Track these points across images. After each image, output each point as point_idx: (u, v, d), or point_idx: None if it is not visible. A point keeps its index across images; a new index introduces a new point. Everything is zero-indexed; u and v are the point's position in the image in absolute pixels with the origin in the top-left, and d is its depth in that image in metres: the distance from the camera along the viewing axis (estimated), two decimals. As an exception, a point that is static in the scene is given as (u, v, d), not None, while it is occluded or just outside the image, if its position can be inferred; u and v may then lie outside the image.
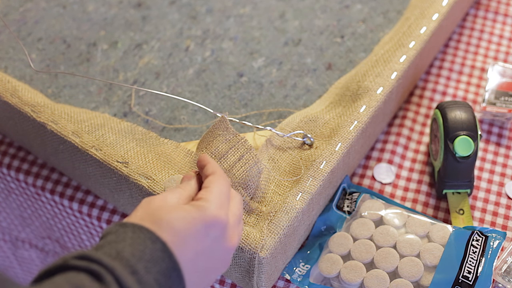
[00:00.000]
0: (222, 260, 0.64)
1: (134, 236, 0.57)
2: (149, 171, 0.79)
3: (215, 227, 0.61)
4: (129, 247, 0.56)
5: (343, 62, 0.95)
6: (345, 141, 0.82)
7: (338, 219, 0.86)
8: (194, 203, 0.62)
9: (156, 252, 0.57)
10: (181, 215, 0.60)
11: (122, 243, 0.56)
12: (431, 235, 0.83)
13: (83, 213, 0.92)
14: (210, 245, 0.61)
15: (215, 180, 0.65)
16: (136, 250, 0.56)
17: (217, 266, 0.63)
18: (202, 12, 1.01)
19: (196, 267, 0.60)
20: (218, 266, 0.64)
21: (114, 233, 0.58)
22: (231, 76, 0.94)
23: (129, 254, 0.56)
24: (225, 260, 0.64)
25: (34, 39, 0.98)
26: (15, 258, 1.18)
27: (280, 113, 0.90)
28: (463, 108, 0.88)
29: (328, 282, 0.82)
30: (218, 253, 0.62)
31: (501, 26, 1.10)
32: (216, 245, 0.62)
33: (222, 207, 0.62)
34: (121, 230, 0.58)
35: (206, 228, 0.60)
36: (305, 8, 1.01)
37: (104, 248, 0.56)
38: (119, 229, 0.58)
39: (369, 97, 0.86)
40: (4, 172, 0.96)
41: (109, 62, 0.95)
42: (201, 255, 0.60)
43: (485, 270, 0.79)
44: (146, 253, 0.56)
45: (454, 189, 0.88)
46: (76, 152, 0.84)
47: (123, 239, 0.57)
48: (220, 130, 0.79)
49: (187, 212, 0.60)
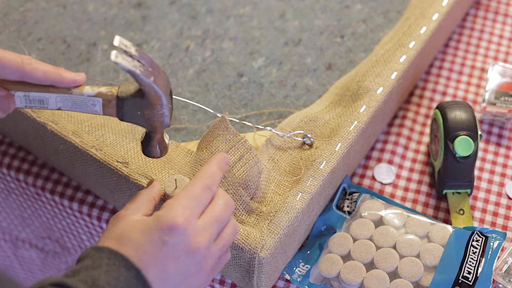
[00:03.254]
0: (192, 267, 0.64)
1: (110, 263, 0.60)
2: (149, 171, 0.79)
3: (172, 233, 0.62)
4: (104, 275, 0.59)
5: (343, 62, 0.95)
6: (345, 141, 0.82)
7: (338, 219, 0.86)
8: (154, 213, 0.64)
9: (131, 279, 0.59)
10: (140, 228, 0.63)
11: (98, 270, 0.59)
12: (430, 235, 0.83)
13: (83, 213, 0.92)
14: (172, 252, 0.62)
15: (188, 185, 0.66)
16: (111, 278, 0.58)
17: (189, 274, 0.64)
18: (202, 12, 1.01)
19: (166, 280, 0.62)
20: (191, 274, 0.64)
21: (91, 257, 0.60)
22: (231, 76, 0.94)
23: (105, 282, 0.58)
24: (196, 266, 0.64)
25: (34, 39, 0.98)
26: (15, 258, 1.18)
27: (280, 113, 0.90)
28: (463, 108, 0.88)
29: (328, 282, 0.82)
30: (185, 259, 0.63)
31: (501, 26, 1.10)
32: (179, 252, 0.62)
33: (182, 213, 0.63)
34: (97, 256, 0.60)
35: (162, 235, 0.62)
36: (305, 8, 1.01)
37: (80, 274, 0.59)
38: (95, 254, 0.61)
39: (369, 97, 0.86)
40: (4, 172, 0.97)
41: (109, 62, 0.95)
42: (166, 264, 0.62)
43: (485, 271, 0.79)
44: (120, 280, 0.59)
45: (454, 189, 0.88)
46: (76, 152, 0.84)
47: (99, 266, 0.59)
48: (220, 130, 0.79)
49: (145, 223, 0.63)
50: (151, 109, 0.67)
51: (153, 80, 0.65)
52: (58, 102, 0.68)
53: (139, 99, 0.67)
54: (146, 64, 0.66)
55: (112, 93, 0.67)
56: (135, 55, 0.65)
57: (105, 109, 0.68)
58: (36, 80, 0.66)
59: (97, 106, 0.68)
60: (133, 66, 0.64)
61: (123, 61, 0.63)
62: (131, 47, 0.65)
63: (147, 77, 0.65)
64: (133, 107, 0.67)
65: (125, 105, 0.67)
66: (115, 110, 0.68)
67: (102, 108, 0.68)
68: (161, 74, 0.67)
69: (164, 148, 0.72)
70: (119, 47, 0.64)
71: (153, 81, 0.65)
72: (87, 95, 0.68)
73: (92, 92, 0.68)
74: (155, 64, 0.67)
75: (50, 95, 0.68)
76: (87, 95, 0.68)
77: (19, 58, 0.65)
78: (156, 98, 0.66)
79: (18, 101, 0.68)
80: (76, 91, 0.68)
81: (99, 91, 0.68)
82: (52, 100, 0.68)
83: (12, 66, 0.65)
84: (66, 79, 0.67)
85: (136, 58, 0.65)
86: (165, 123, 0.68)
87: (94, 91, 0.68)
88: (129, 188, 0.81)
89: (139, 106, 0.67)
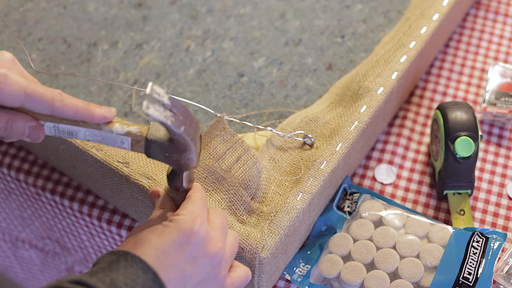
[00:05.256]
0: (210, 270, 0.65)
1: (127, 265, 0.60)
2: (150, 171, 0.79)
3: (192, 235, 0.63)
4: (122, 277, 0.59)
5: (343, 62, 0.95)
6: (346, 141, 0.82)
7: (338, 219, 0.86)
8: (172, 218, 0.65)
9: (148, 282, 0.59)
10: (159, 231, 0.63)
11: (115, 272, 0.59)
12: (430, 235, 0.83)
13: (83, 213, 0.92)
14: (190, 254, 0.63)
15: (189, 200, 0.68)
16: (129, 280, 0.59)
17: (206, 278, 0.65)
18: (202, 12, 1.01)
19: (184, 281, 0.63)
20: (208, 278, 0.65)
21: (107, 260, 0.61)
22: (231, 76, 0.94)
23: (122, 283, 0.58)
24: (213, 270, 0.65)
25: (34, 39, 0.98)
26: (15, 258, 1.18)
27: (281, 113, 0.90)
28: (463, 109, 0.88)
29: (329, 282, 0.82)
30: (203, 262, 0.64)
31: (502, 26, 1.10)
32: (197, 253, 0.63)
33: (199, 217, 0.65)
34: (114, 258, 0.61)
35: (182, 237, 0.63)
36: (305, 8, 1.01)
37: (98, 275, 0.59)
38: (112, 257, 0.61)
39: (370, 97, 0.86)
40: (5, 172, 0.96)
41: (110, 62, 0.95)
42: (185, 266, 0.63)
43: (486, 272, 0.79)
44: (138, 282, 0.59)
45: (454, 190, 0.88)
46: (76, 152, 0.84)
47: (116, 268, 0.59)
48: (217, 130, 0.79)
49: (164, 227, 0.64)
50: (178, 154, 0.67)
51: (184, 130, 0.65)
52: (87, 136, 0.68)
53: (168, 143, 0.67)
54: (178, 113, 0.65)
55: (141, 134, 0.67)
56: (167, 104, 0.65)
57: (133, 147, 0.68)
58: (66, 117, 0.67)
59: (126, 144, 0.68)
60: (165, 117, 0.64)
61: (155, 112, 0.63)
62: (164, 96, 0.65)
63: (178, 127, 0.65)
64: (162, 149, 0.67)
65: (154, 147, 0.67)
66: (143, 149, 0.68)
67: (131, 146, 0.68)
68: (191, 122, 0.67)
69: (191, 181, 0.72)
70: (151, 94, 0.64)
71: (184, 130, 0.65)
72: (117, 133, 0.68)
73: (122, 131, 0.68)
74: (187, 112, 0.67)
75: (80, 128, 0.68)
76: (116, 133, 0.68)
77: (50, 94, 0.65)
78: (185, 145, 0.66)
79: (47, 130, 0.68)
80: (106, 127, 0.68)
81: (128, 130, 0.68)
82: (82, 134, 0.68)
83: (42, 102, 0.65)
84: (96, 116, 0.67)
85: (169, 107, 0.64)
86: (192, 166, 0.69)
87: (124, 130, 0.68)
88: (130, 188, 0.81)
89: (167, 149, 0.67)
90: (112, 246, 0.96)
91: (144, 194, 0.79)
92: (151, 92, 0.64)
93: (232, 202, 0.77)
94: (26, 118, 0.66)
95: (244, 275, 0.69)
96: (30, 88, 0.64)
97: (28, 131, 0.67)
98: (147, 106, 0.62)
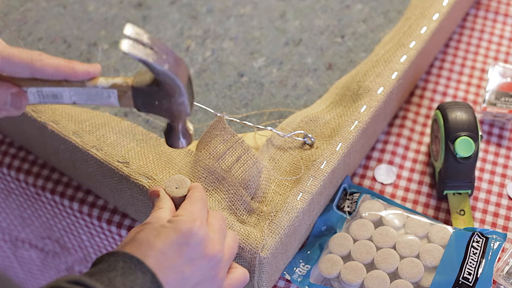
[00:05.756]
0: (208, 272, 0.65)
1: (125, 266, 0.59)
2: (150, 171, 0.79)
3: (191, 236, 0.63)
4: (121, 277, 0.58)
5: (343, 62, 0.95)
6: (346, 141, 0.82)
7: (338, 219, 0.86)
8: (171, 218, 0.65)
9: (146, 283, 0.59)
10: (157, 232, 0.63)
11: (113, 272, 0.59)
12: (430, 235, 0.83)
13: (83, 213, 0.92)
14: (189, 255, 0.63)
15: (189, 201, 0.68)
16: (127, 280, 0.58)
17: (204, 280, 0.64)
18: (202, 12, 1.01)
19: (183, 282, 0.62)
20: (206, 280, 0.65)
21: (106, 261, 0.60)
22: (231, 76, 0.94)
23: (121, 284, 0.58)
24: (211, 271, 0.65)
25: (34, 39, 0.98)
26: (15, 258, 1.18)
27: (281, 113, 0.90)
28: (463, 109, 0.88)
29: (328, 282, 0.82)
30: (201, 263, 0.64)
31: (502, 26, 1.10)
32: (196, 255, 0.63)
33: (198, 218, 0.65)
34: (113, 259, 0.60)
35: (181, 238, 0.63)
36: (305, 8, 1.01)
37: (96, 276, 0.59)
38: (111, 258, 0.61)
39: (370, 97, 0.86)
40: (5, 172, 0.96)
41: (110, 62, 0.95)
42: (183, 267, 0.62)
43: (485, 272, 0.79)
44: (136, 283, 0.59)
45: (455, 190, 0.88)
46: (76, 152, 0.84)
47: (115, 269, 0.59)
48: (217, 130, 0.79)
49: (163, 228, 0.63)
50: (168, 99, 0.64)
51: (168, 68, 0.62)
52: (72, 96, 0.66)
53: (155, 88, 0.64)
54: (160, 51, 0.62)
55: (127, 84, 0.64)
56: (147, 42, 0.62)
57: (121, 101, 0.65)
58: (48, 76, 0.64)
59: (113, 98, 0.65)
60: (145, 54, 0.61)
61: (134, 50, 0.60)
62: (143, 35, 0.62)
63: (161, 65, 0.61)
64: (150, 97, 0.64)
65: (141, 96, 0.64)
66: (132, 101, 0.65)
67: (118, 99, 0.65)
68: (177, 61, 0.64)
69: (189, 137, 0.69)
70: (130, 35, 0.61)
71: (168, 68, 0.62)
72: (101, 87, 0.65)
73: (107, 84, 0.65)
74: (170, 51, 0.64)
75: (63, 89, 0.65)
76: (101, 87, 0.65)
77: (28, 55, 0.63)
78: (173, 87, 0.63)
79: (31, 97, 0.66)
80: (90, 83, 0.65)
81: (113, 82, 0.65)
82: (66, 94, 0.65)
83: (21, 64, 0.63)
84: (79, 72, 0.64)
85: (149, 45, 0.62)
86: (185, 112, 0.65)
87: (109, 83, 0.65)
88: (130, 188, 0.81)
89: (156, 96, 0.64)
90: (112, 246, 0.96)
91: (144, 194, 0.79)
92: (130, 32, 0.61)
93: (232, 202, 0.77)
94: (7, 85, 0.64)
95: (242, 277, 0.69)
96: (7, 51, 0.62)
97: (11, 99, 0.64)
98: (125, 44, 0.60)
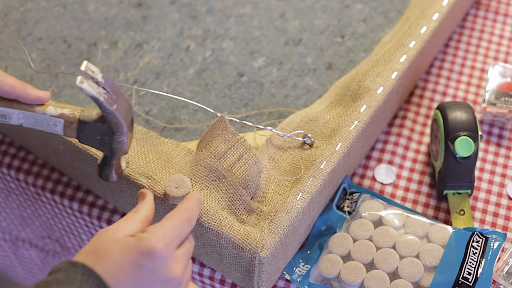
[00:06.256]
0: None
1: (83, 280, 0.59)
2: (150, 171, 0.79)
3: (150, 257, 0.62)
4: None
5: (343, 62, 0.95)
6: (346, 141, 0.82)
7: (338, 219, 0.86)
8: (138, 234, 0.64)
9: None
10: (120, 246, 0.62)
11: (71, 285, 0.58)
12: (430, 235, 0.83)
13: (83, 213, 0.92)
14: (148, 277, 0.62)
15: (170, 215, 0.66)
16: None
17: None
18: (202, 12, 1.01)
19: None
20: None
21: (65, 271, 0.60)
22: (231, 76, 0.94)
23: None
24: None
25: (34, 39, 0.98)
26: (15, 258, 1.18)
27: (281, 113, 0.90)
28: (463, 109, 0.88)
29: (328, 282, 0.82)
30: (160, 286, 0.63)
31: (502, 26, 1.10)
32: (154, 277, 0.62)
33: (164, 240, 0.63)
34: (71, 271, 0.60)
35: (140, 258, 0.61)
36: (305, 8, 1.01)
37: (52, 286, 0.58)
38: (70, 268, 0.60)
39: (370, 97, 0.86)
40: (4, 172, 0.96)
41: (110, 62, 0.95)
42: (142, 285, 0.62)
43: (485, 272, 0.79)
44: None
45: (454, 190, 0.88)
46: (76, 151, 0.84)
47: (72, 281, 0.59)
48: (219, 129, 0.79)
49: (126, 242, 0.62)
50: (111, 136, 0.68)
51: (116, 108, 0.66)
52: (21, 118, 0.69)
53: (100, 124, 0.68)
54: (111, 91, 0.67)
55: (74, 116, 0.69)
56: (101, 81, 0.66)
57: (66, 130, 0.69)
58: (1, 93, 0.66)
59: (58, 127, 0.69)
60: (98, 93, 0.65)
61: (88, 87, 0.64)
62: (98, 74, 0.66)
63: (110, 105, 0.66)
64: (94, 131, 0.68)
65: (86, 129, 0.68)
66: (76, 132, 0.69)
67: (64, 129, 0.69)
68: (124, 102, 0.69)
69: (120, 173, 0.73)
70: (86, 72, 0.65)
71: (116, 109, 0.66)
72: (50, 115, 0.69)
73: (55, 113, 0.69)
74: (119, 92, 0.68)
75: (13, 110, 0.68)
76: (49, 114, 0.69)
77: None
78: (117, 126, 0.68)
79: None
80: (39, 109, 0.69)
81: (62, 112, 0.69)
82: (15, 116, 0.69)
83: None
84: (31, 95, 0.67)
85: (102, 85, 0.66)
86: (123, 150, 0.70)
87: (57, 112, 0.69)
88: (130, 188, 0.81)
89: (99, 132, 0.68)
90: (112, 246, 0.95)
91: (144, 193, 0.79)
92: (86, 69, 0.65)
93: (232, 202, 0.77)
94: None
95: None
96: None
97: None
98: (81, 81, 0.64)
